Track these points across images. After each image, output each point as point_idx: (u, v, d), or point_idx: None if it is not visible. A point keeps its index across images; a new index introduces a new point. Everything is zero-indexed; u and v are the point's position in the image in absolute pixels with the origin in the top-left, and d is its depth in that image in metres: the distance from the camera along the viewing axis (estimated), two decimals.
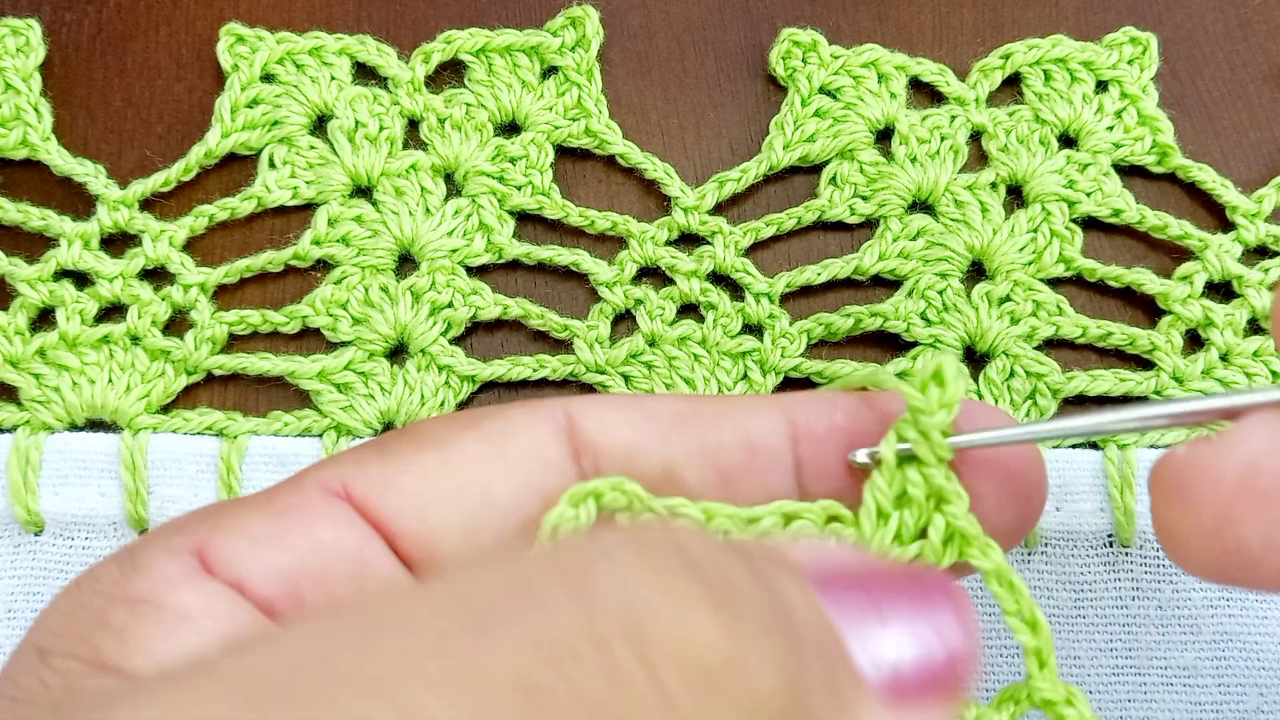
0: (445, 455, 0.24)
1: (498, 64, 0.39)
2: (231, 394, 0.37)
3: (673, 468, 0.24)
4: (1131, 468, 0.35)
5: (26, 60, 0.39)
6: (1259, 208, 0.38)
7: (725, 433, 0.24)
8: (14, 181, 0.38)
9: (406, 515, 0.23)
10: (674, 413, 0.24)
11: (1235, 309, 0.37)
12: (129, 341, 0.36)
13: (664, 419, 0.24)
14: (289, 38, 0.39)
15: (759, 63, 0.41)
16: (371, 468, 0.23)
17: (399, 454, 0.24)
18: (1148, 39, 0.40)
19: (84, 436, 0.35)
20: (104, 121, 0.39)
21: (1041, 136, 0.39)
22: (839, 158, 0.39)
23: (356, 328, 0.37)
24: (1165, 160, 0.39)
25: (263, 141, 0.38)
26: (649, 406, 0.25)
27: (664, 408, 0.25)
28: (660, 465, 0.24)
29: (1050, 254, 0.38)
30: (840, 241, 0.39)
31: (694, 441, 0.24)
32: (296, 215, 0.38)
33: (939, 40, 0.41)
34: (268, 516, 0.22)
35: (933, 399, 0.23)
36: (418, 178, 0.38)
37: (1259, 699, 0.34)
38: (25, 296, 0.36)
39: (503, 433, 0.24)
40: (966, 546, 0.23)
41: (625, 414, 0.24)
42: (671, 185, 0.38)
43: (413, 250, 0.38)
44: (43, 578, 0.34)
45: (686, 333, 0.37)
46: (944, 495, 0.23)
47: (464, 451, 0.24)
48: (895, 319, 0.37)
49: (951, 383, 0.23)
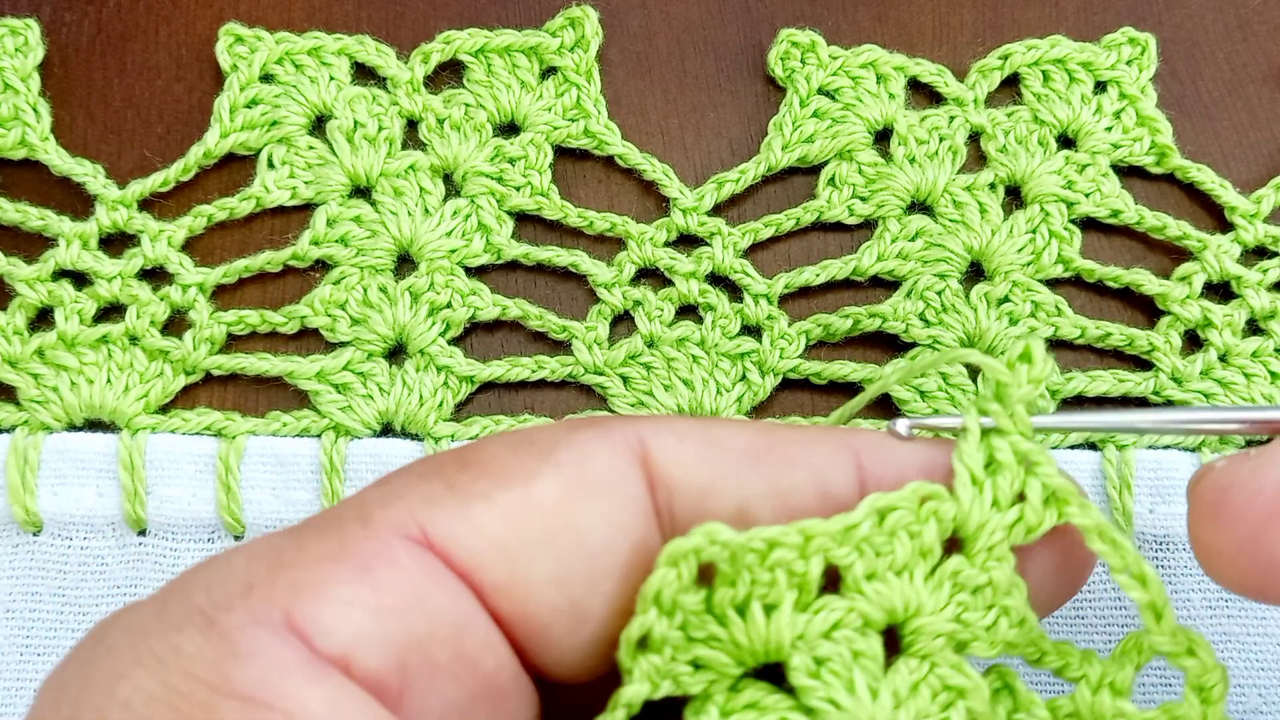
0: (528, 493, 0.21)
1: (497, 64, 0.39)
2: (230, 394, 0.37)
3: (746, 508, 0.23)
4: (1130, 469, 0.35)
5: (25, 60, 0.39)
6: (1258, 208, 0.38)
7: (800, 476, 0.23)
8: (13, 181, 0.38)
9: (495, 565, 0.21)
10: (747, 449, 0.23)
11: (1234, 309, 0.37)
12: (127, 341, 0.36)
13: (737, 456, 0.23)
14: (288, 38, 0.39)
15: (759, 63, 0.41)
16: (448, 506, 0.21)
17: (475, 491, 0.21)
18: (1146, 40, 0.40)
19: (82, 436, 0.35)
20: (103, 121, 0.39)
21: (1040, 137, 0.39)
22: (838, 158, 0.39)
23: (355, 328, 0.37)
24: (1164, 161, 0.39)
25: (262, 142, 0.38)
26: (722, 440, 0.23)
27: (736, 441, 0.23)
28: (734, 506, 0.23)
29: (1049, 254, 0.38)
30: (839, 242, 0.39)
31: (768, 484, 0.23)
32: (295, 215, 0.38)
33: (938, 41, 0.41)
34: (354, 571, 0.20)
35: (1021, 375, 0.23)
36: (416, 178, 0.38)
37: (1259, 699, 0.34)
38: (24, 296, 0.36)
39: (580, 464, 0.22)
40: (1064, 506, 0.23)
41: (699, 449, 0.23)
42: (670, 186, 0.38)
43: (411, 251, 0.38)
44: (41, 577, 0.34)
45: (685, 334, 0.37)
46: (1034, 459, 0.22)
47: (548, 488, 0.21)
48: (894, 320, 0.37)
49: (1040, 362, 0.23)
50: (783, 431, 0.24)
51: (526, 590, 0.21)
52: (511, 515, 0.21)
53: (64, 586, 0.34)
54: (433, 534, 0.20)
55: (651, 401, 0.36)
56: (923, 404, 0.36)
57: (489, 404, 0.37)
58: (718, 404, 0.36)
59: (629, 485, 0.22)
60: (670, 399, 0.36)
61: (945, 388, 0.36)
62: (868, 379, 0.37)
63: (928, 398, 0.36)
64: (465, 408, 0.37)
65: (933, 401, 0.36)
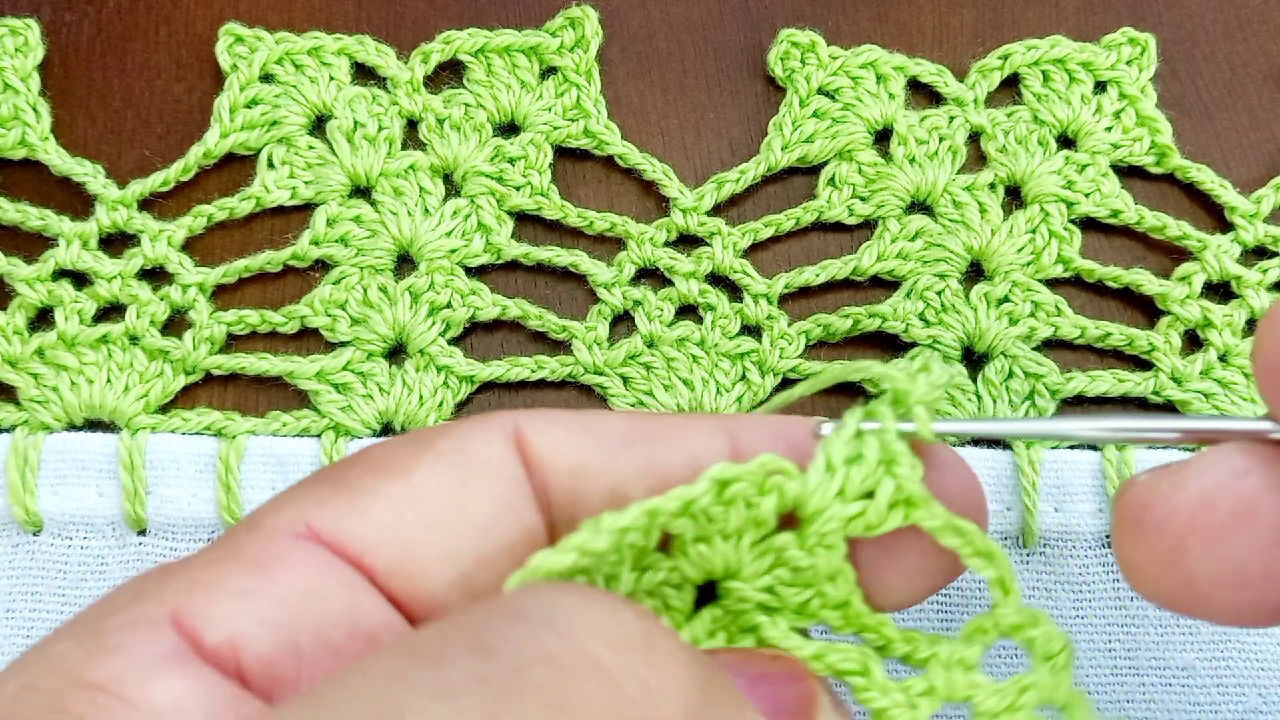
0: (410, 481, 0.22)
1: (497, 64, 0.39)
2: (230, 394, 0.37)
3: (619, 488, 0.23)
4: (1130, 468, 0.35)
5: (25, 60, 0.39)
6: (1257, 208, 0.38)
7: (673, 454, 0.24)
8: (13, 181, 0.38)
9: (386, 549, 0.22)
10: (621, 432, 0.24)
11: (1234, 309, 0.37)
12: (127, 341, 0.36)
13: (611, 439, 0.24)
14: (288, 38, 0.39)
15: (759, 63, 0.41)
16: (335, 502, 0.22)
17: (361, 485, 0.22)
18: (1146, 40, 0.40)
19: (82, 436, 0.35)
20: (103, 121, 0.39)
21: (1040, 137, 0.39)
22: (837, 158, 0.39)
23: (355, 328, 0.37)
24: (1164, 161, 0.39)
25: (261, 142, 0.38)
26: (596, 426, 0.24)
27: (611, 427, 0.24)
28: (608, 486, 0.24)
29: (1049, 254, 0.38)
30: (839, 242, 0.39)
31: (641, 463, 0.24)
32: (295, 215, 0.38)
33: (938, 41, 0.41)
34: (243, 569, 0.21)
35: (916, 383, 0.23)
36: (416, 178, 0.38)
37: (1258, 699, 0.34)
38: (24, 296, 0.36)
39: (460, 451, 0.23)
40: (913, 510, 0.23)
41: (573, 433, 0.24)
42: (670, 186, 0.38)
43: (411, 250, 0.38)
44: (41, 577, 0.34)
45: (685, 334, 0.37)
46: (897, 459, 0.23)
47: (429, 475, 0.23)
48: (894, 320, 0.37)
49: (937, 372, 0.24)
50: (661, 418, 0.25)
51: (419, 570, 0.22)
52: (396, 502, 0.22)
53: (64, 586, 0.34)
54: (320, 529, 0.22)
55: (651, 401, 0.36)
56: None
57: (489, 404, 0.37)
58: (718, 404, 0.36)
59: (507, 468, 0.23)
60: (670, 399, 0.36)
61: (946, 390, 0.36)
62: (868, 379, 0.37)
63: None
64: (465, 408, 0.37)
65: None
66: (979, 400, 0.36)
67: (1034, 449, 0.35)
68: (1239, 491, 0.21)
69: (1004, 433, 0.23)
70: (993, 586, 0.24)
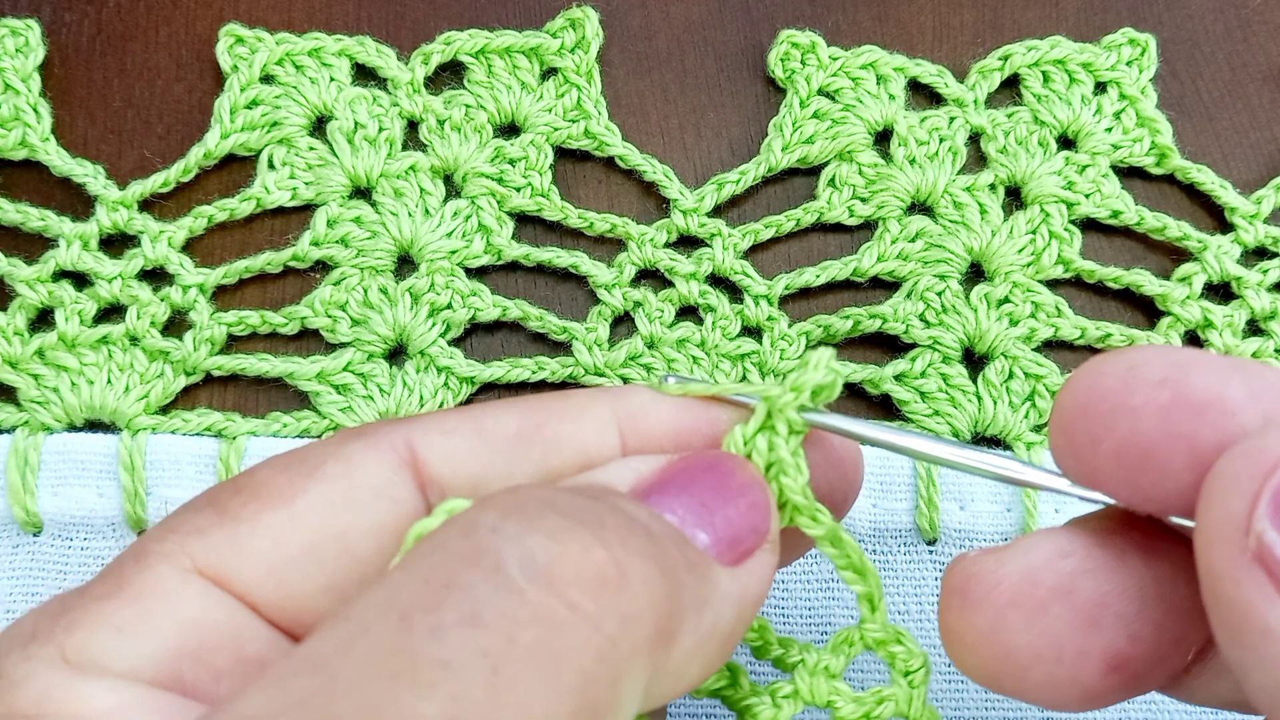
0: (293, 511, 0.23)
1: (497, 65, 0.39)
2: (230, 395, 0.37)
3: None
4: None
5: (26, 60, 0.39)
6: (1258, 209, 0.38)
7: (567, 456, 0.24)
8: (13, 182, 0.38)
9: (264, 583, 0.22)
10: (514, 434, 0.24)
11: (1234, 310, 0.37)
12: (128, 342, 0.36)
13: (504, 443, 0.24)
14: (288, 39, 0.39)
15: (759, 63, 0.41)
16: (215, 535, 0.22)
17: (241, 515, 0.22)
18: (1146, 40, 0.40)
19: (83, 437, 0.35)
20: (103, 122, 0.39)
21: (1040, 138, 0.39)
22: (838, 159, 0.39)
23: (355, 329, 0.37)
24: (1164, 161, 0.39)
25: (262, 142, 0.38)
26: (488, 428, 0.24)
27: (503, 427, 0.24)
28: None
29: (1049, 255, 0.38)
30: (839, 243, 0.39)
31: (536, 468, 0.24)
32: (296, 216, 0.38)
33: (939, 41, 0.41)
34: (124, 604, 0.21)
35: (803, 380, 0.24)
36: (417, 179, 0.38)
37: None
38: (24, 297, 0.36)
39: (347, 475, 0.23)
40: (798, 515, 0.24)
41: (466, 441, 0.24)
42: (670, 187, 0.38)
43: (412, 251, 0.38)
44: (41, 578, 0.34)
45: (685, 335, 0.37)
46: (784, 468, 0.24)
47: (312, 504, 0.23)
48: (894, 321, 0.37)
49: (822, 368, 0.24)
50: (552, 407, 0.25)
51: (299, 602, 0.22)
52: (277, 535, 0.22)
53: (64, 587, 0.34)
54: (201, 564, 0.22)
55: None
56: (923, 404, 0.36)
57: None
58: None
59: (396, 490, 0.23)
60: None
61: (945, 389, 0.36)
62: (868, 379, 0.37)
63: (928, 398, 0.36)
64: None
65: (933, 402, 0.36)
66: (979, 401, 0.36)
67: None
68: (1061, 570, 0.22)
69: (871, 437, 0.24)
70: (861, 601, 0.25)
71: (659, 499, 0.22)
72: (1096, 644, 0.22)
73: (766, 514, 0.23)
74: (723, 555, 0.22)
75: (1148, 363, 0.21)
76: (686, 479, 0.23)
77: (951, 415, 0.36)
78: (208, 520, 0.23)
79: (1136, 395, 0.21)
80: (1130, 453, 0.21)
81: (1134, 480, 0.21)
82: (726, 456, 0.24)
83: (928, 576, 0.35)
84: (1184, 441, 0.20)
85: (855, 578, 0.25)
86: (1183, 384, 0.20)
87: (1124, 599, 0.22)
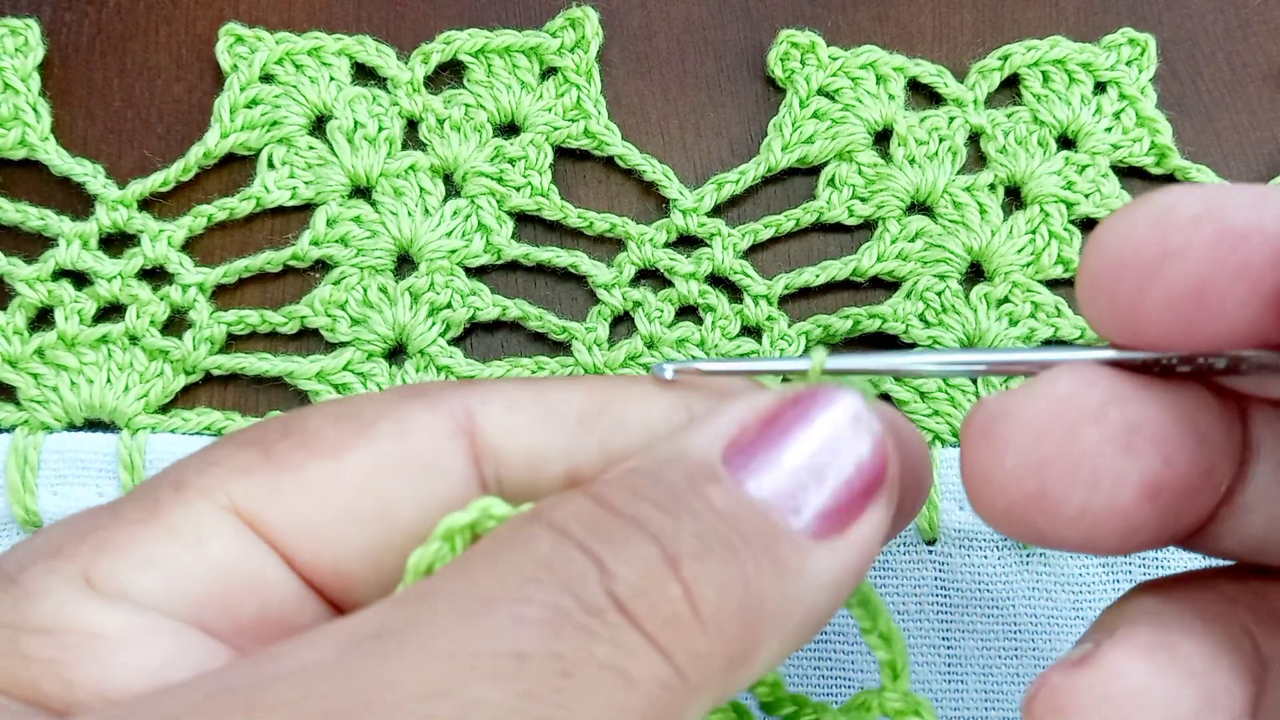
0: (340, 467, 0.22)
1: (497, 65, 0.39)
2: (230, 394, 0.37)
3: (576, 471, 0.23)
4: None
5: (25, 60, 0.39)
6: None
7: (631, 436, 0.23)
8: (13, 181, 0.38)
9: (299, 536, 0.21)
10: (580, 412, 0.23)
11: None
12: (127, 341, 0.36)
13: (570, 420, 0.23)
14: (288, 38, 0.39)
15: (759, 63, 0.41)
16: (259, 477, 0.21)
17: (287, 462, 0.22)
18: (1146, 40, 0.40)
19: (82, 436, 0.35)
20: (103, 121, 0.39)
21: (1040, 138, 0.39)
22: (837, 159, 0.39)
23: (355, 328, 0.37)
24: (1164, 161, 0.39)
25: (262, 142, 0.38)
26: (554, 403, 0.23)
27: (570, 405, 0.23)
28: (564, 471, 0.23)
29: (1049, 255, 0.38)
30: (839, 243, 0.39)
31: (599, 446, 0.23)
32: (295, 215, 0.38)
33: (938, 41, 0.41)
34: (157, 537, 0.20)
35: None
36: (417, 178, 0.38)
37: None
38: (24, 296, 0.36)
39: (400, 437, 0.22)
40: None
41: (530, 416, 0.23)
42: (670, 187, 0.38)
43: (411, 251, 0.38)
44: None
45: (685, 335, 0.37)
46: None
47: (359, 463, 0.22)
48: (894, 320, 0.37)
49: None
50: (620, 389, 0.24)
51: (333, 564, 0.21)
52: (320, 489, 0.21)
53: None
54: (241, 506, 0.21)
55: None
56: (923, 404, 0.36)
57: None
58: None
59: (448, 459, 0.22)
60: None
61: (945, 388, 0.36)
62: (868, 379, 0.37)
63: (928, 398, 0.36)
64: None
65: (932, 402, 0.36)
66: (978, 400, 0.36)
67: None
68: (1089, 398, 0.21)
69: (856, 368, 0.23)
70: (884, 669, 0.24)
71: (753, 468, 0.20)
72: (1133, 467, 0.21)
73: (880, 464, 0.21)
74: (822, 530, 0.20)
75: (1178, 204, 0.20)
76: (780, 433, 0.21)
77: (951, 415, 0.36)
78: (252, 459, 0.22)
79: (1175, 237, 0.20)
80: (1182, 295, 0.20)
81: (1189, 322, 0.20)
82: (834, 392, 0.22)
83: (928, 576, 0.35)
84: (1238, 270, 0.19)
85: (880, 644, 0.24)
86: (1220, 217, 0.20)
87: (1155, 424, 0.21)
